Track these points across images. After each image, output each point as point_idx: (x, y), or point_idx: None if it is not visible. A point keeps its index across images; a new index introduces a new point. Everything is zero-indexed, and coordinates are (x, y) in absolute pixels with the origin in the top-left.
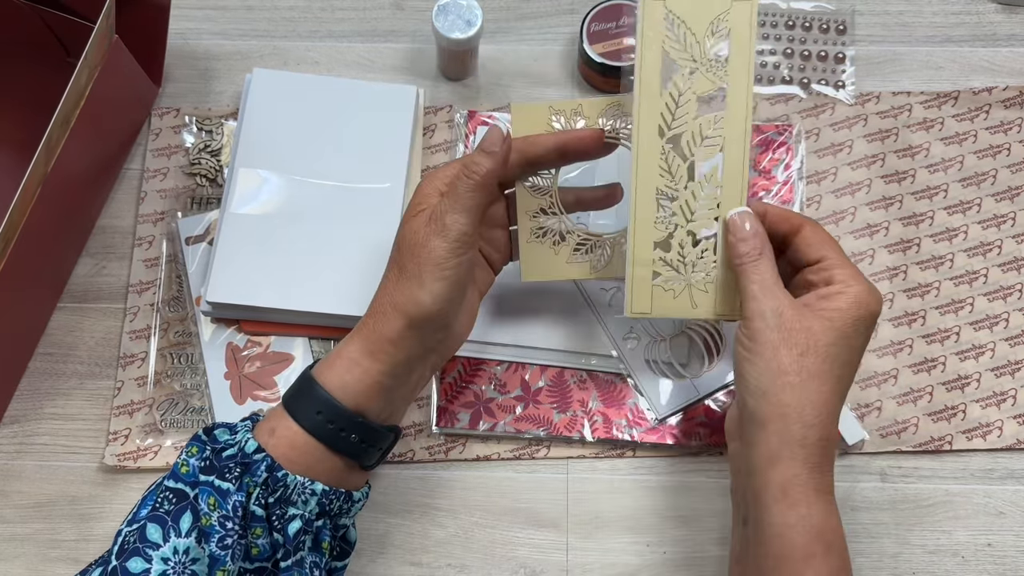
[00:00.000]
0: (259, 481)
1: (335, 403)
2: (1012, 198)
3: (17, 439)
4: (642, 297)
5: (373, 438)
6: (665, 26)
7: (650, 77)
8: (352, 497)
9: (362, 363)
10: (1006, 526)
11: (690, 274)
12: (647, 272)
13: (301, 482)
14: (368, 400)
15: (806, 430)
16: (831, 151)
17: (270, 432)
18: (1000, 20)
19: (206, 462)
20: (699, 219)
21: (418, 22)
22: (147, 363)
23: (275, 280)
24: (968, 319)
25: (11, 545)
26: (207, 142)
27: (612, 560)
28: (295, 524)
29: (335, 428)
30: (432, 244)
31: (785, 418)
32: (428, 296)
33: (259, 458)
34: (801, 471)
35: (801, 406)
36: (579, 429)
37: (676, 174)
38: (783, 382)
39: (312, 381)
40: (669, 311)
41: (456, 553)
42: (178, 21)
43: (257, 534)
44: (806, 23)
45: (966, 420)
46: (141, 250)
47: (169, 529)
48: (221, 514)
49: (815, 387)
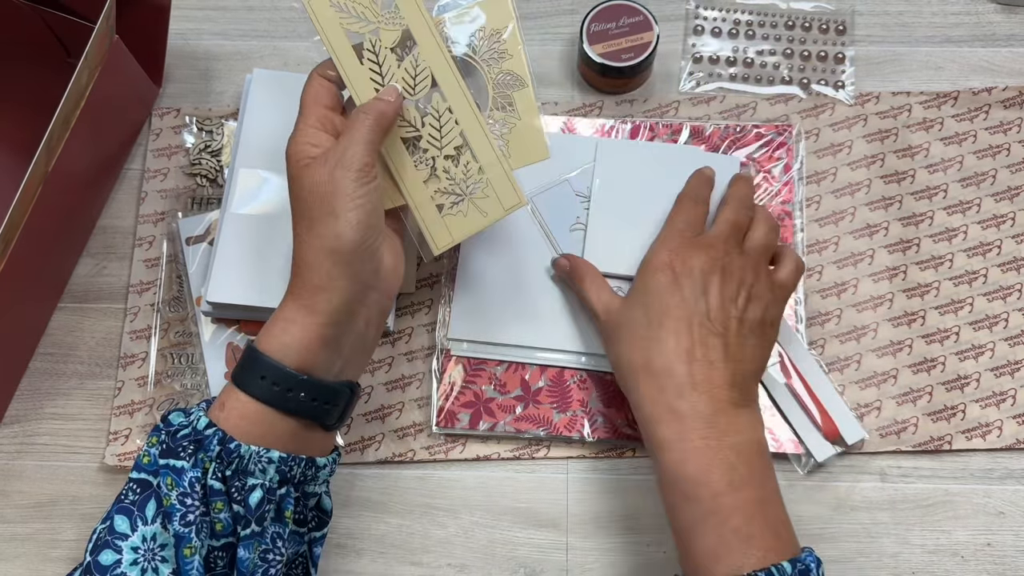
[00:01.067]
0: (212, 455)
1: (277, 365)
2: (1012, 198)
3: (17, 439)
4: (439, 232)
5: (325, 395)
6: (335, 11)
7: (348, 61)
8: (316, 463)
9: (298, 320)
10: (1006, 526)
11: (466, 190)
12: (431, 208)
13: (255, 451)
14: (313, 356)
15: (671, 396)
16: (831, 151)
17: (220, 407)
18: (1000, 20)
19: (163, 446)
20: (447, 140)
21: None
22: (147, 363)
23: (275, 280)
24: (968, 319)
25: (11, 545)
26: (207, 142)
27: (612, 560)
28: (256, 494)
29: (281, 389)
30: (336, 177)
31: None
32: (346, 224)
33: (210, 433)
34: (669, 430)
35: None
36: (579, 429)
37: (411, 118)
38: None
39: (253, 350)
40: (466, 230)
41: (456, 553)
42: (178, 21)
43: (219, 508)
44: (806, 23)
45: (966, 420)
46: (141, 250)
47: (136, 519)
48: (179, 492)
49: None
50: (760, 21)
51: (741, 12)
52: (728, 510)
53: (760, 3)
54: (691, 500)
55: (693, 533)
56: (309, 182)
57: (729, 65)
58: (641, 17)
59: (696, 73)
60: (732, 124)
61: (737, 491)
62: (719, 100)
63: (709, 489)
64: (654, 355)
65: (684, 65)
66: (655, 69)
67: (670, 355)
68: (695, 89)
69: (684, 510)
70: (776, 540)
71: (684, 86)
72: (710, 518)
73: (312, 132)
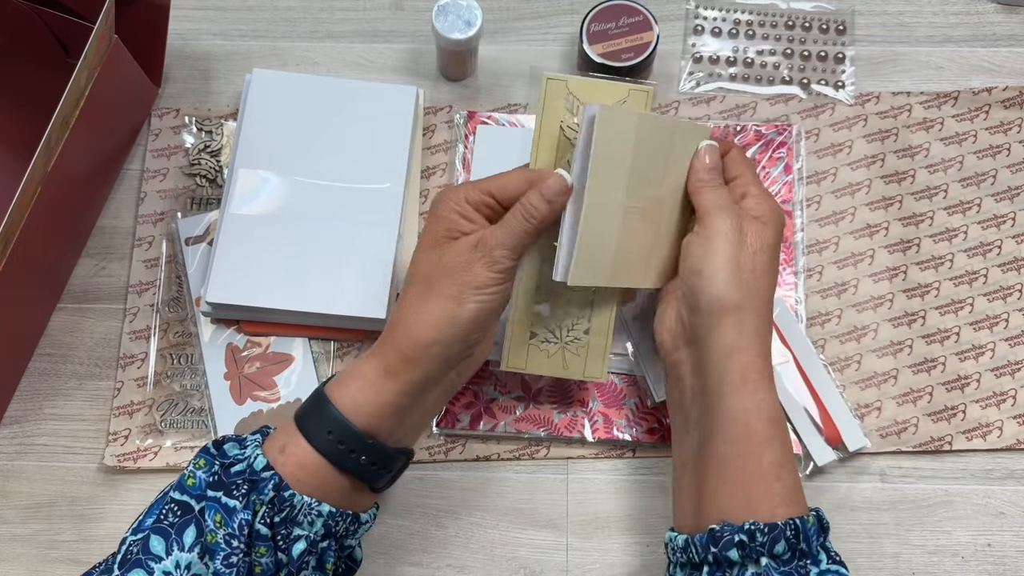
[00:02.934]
0: (266, 500)
1: (347, 423)
2: (1012, 198)
3: (17, 440)
4: (518, 353)
5: (384, 460)
6: (565, 105)
7: (546, 150)
8: (359, 519)
9: (377, 382)
10: (1006, 526)
11: (564, 338)
12: (525, 331)
13: (308, 503)
14: (381, 421)
15: (759, 321)
16: (831, 151)
17: (280, 449)
18: (1000, 20)
19: (214, 476)
20: (577, 290)
21: (418, 22)
22: (147, 364)
23: (275, 280)
24: (968, 319)
25: (11, 546)
26: (207, 142)
27: (612, 560)
28: (300, 545)
29: (345, 449)
30: (476, 270)
31: (741, 310)
32: (465, 314)
33: (267, 476)
34: (757, 359)
35: (754, 299)
36: (579, 429)
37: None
38: (741, 278)
39: (325, 399)
40: (541, 369)
41: (456, 553)
42: (178, 21)
43: (261, 553)
44: (806, 23)
45: (966, 420)
46: (141, 251)
47: (172, 542)
48: (227, 532)
49: (766, 283)
50: (760, 21)
51: (741, 12)
52: (792, 451)
53: (760, 3)
54: (781, 440)
55: (771, 474)
56: (450, 256)
57: (729, 65)
58: (641, 17)
59: (696, 73)
60: (732, 124)
61: (785, 438)
62: (719, 100)
63: (786, 427)
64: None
65: (684, 65)
66: (655, 69)
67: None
68: (695, 89)
69: (770, 449)
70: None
71: (684, 86)
72: (789, 462)
73: (474, 204)
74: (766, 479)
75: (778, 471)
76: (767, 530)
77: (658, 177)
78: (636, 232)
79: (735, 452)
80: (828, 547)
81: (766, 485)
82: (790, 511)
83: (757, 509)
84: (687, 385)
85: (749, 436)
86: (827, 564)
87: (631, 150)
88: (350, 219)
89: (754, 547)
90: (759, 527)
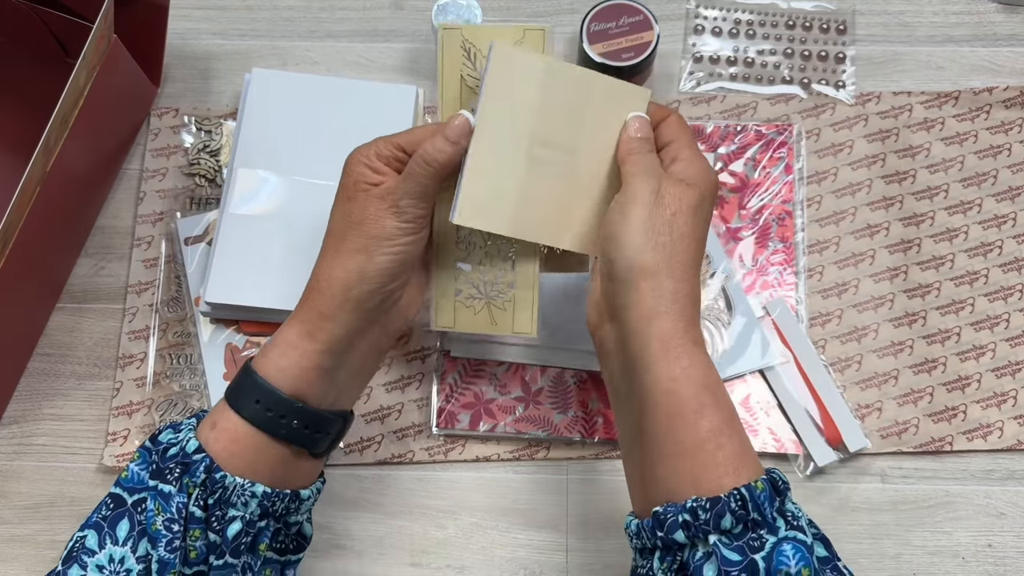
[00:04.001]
0: (198, 482)
1: (273, 390)
2: (1013, 198)
3: (16, 440)
4: (446, 311)
5: (317, 423)
6: (463, 54)
7: (450, 99)
8: (300, 496)
9: (298, 345)
10: (1007, 527)
11: (488, 293)
12: (450, 288)
13: (240, 484)
14: (308, 384)
15: (677, 285)
16: (831, 151)
17: (212, 426)
18: (1000, 20)
19: (153, 466)
20: (495, 242)
21: (418, 22)
22: (146, 364)
23: (274, 280)
24: (969, 320)
25: (10, 546)
26: (206, 142)
27: (612, 560)
28: (235, 526)
29: (274, 415)
30: (384, 221)
31: (657, 275)
32: (374, 268)
33: (198, 458)
34: (678, 324)
35: (671, 263)
36: (579, 430)
37: None
38: (656, 241)
39: (250, 370)
40: (470, 326)
41: (456, 554)
42: (177, 21)
43: (195, 536)
44: (806, 23)
45: (967, 421)
46: (140, 250)
47: (105, 535)
48: (166, 517)
49: (684, 246)
50: (760, 21)
51: (741, 11)
52: (734, 414)
53: (760, 3)
54: (716, 406)
55: (711, 442)
56: (358, 210)
57: (729, 65)
58: (641, 16)
59: (696, 73)
60: (732, 124)
61: (722, 402)
62: (719, 100)
63: (722, 391)
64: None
65: (684, 65)
66: (655, 69)
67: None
68: (695, 89)
69: (705, 416)
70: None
71: (684, 86)
72: (731, 426)
73: (383, 158)
74: (705, 449)
75: (718, 438)
76: (709, 505)
77: (572, 132)
78: (549, 187)
79: (669, 425)
80: (788, 510)
81: (706, 455)
82: (737, 479)
83: (700, 483)
84: (614, 361)
85: (681, 405)
86: (785, 531)
87: (536, 95)
88: None
89: (699, 525)
90: (700, 503)
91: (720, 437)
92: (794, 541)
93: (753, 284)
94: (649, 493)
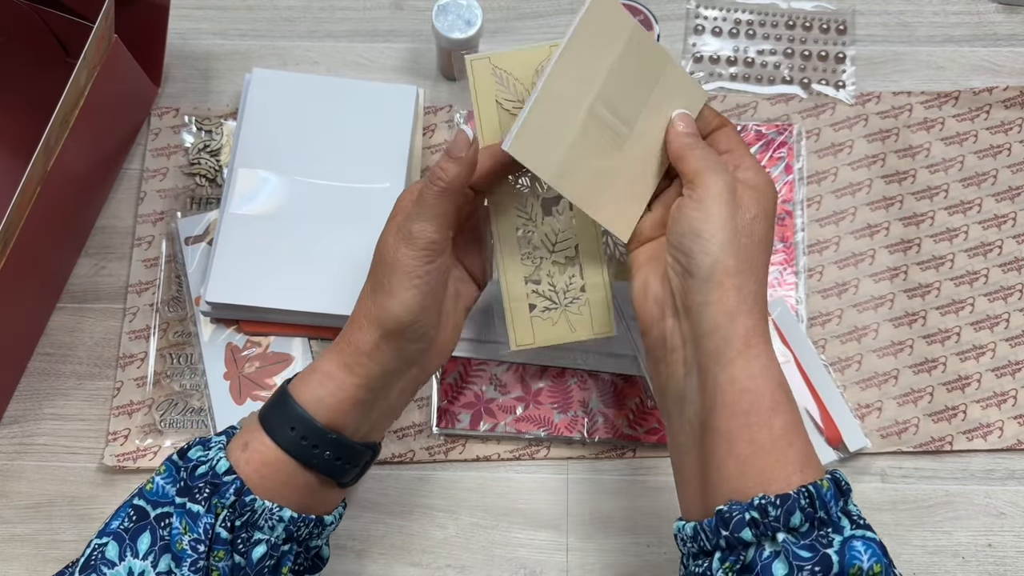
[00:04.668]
0: (227, 503)
1: (309, 419)
2: (1012, 198)
3: (17, 439)
4: (523, 330)
5: (349, 455)
6: (495, 81)
7: (490, 130)
8: (323, 522)
9: (337, 377)
10: (1007, 527)
11: (563, 301)
12: (523, 306)
13: (269, 508)
14: (343, 416)
15: (758, 286)
16: (831, 151)
17: (243, 447)
18: (1000, 20)
19: (181, 483)
20: (560, 247)
21: (418, 22)
22: (146, 363)
23: (275, 280)
24: (969, 319)
25: (11, 545)
26: (206, 142)
27: (612, 560)
28: (260, 549)
29: (308, 444)
30: (400, 253)
31: (742, 274)
32: (399, 306)
33: (228, 480)
34: (759, 323)
35: (754, 265)
36: (580, 429)
37: (532, 212)
38: (739, 243)
39: (287, 395)
40: (550, 338)
41: (456, 554)
42: (178, 21)
43: (219, 557)
44: (806, 23)
45: (966, 420)
46: (140, 250)
47: (126, 548)
48: (192, 537)
49: (762, 249)
50: (761, 21)
51: (741, 12)
52: (799, 414)
53: (761, 3)
54: (788, 404)
55: (783, 440)
56: (381, 244)
57: (730, 65)
58: (641, 16)
59: (697, 73)
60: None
61: (793, 401)
62: (720, 100)
63: (790, 391)
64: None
65: (685, 65)
66: None
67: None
68: None
69: (780, 415)
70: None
71: None
72: (799, 426)
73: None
74: (778, 447)
75: (790, 437)
76: (779, 502)
77: (634, 105)
78: (598, 151)
79: (742, 423)
80: (851, 510)
81: (779, 453)
82: (804, 478)
83: (770, 481)
84: (679, 358)
85: (759, 403)
86: (851, 530)
87: (615, 55)
88: (350, 219)
89: (768, 522)
90: (770, 500)
91: (791, 435)
92: (863, 539)
93: None
94: (710, 493)
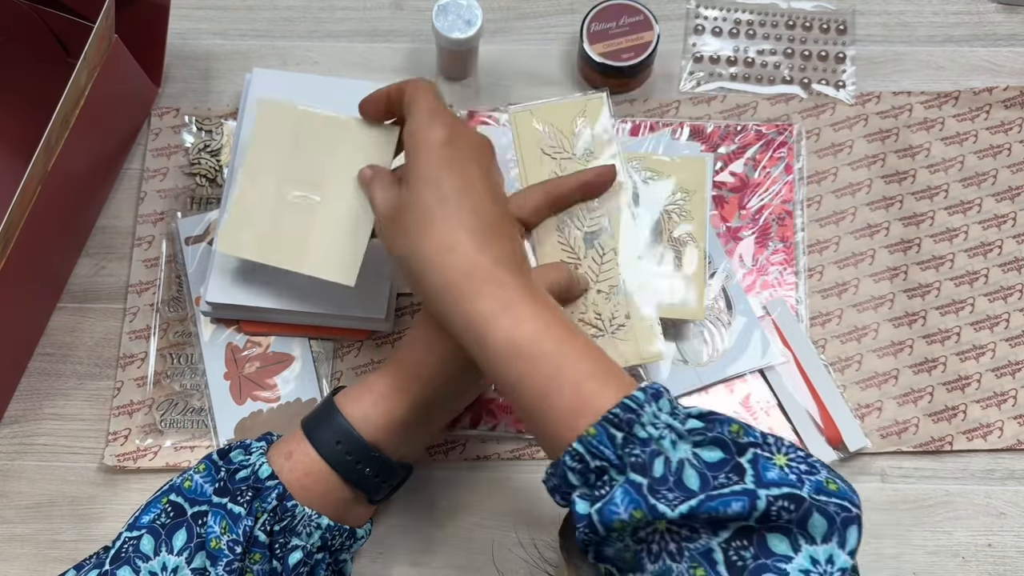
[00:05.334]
0: (268, 508)
1: (356, 435)
2: (1013, 198)
3: (17, 439)
4: None
5: (387, 474)
6: (536, 131)
7: (533, 174)
8: (355, 534)
9: (390, 397)
10: (1007, 527)
11: (607, 328)
12: None
13: (308, 514)
14: (389, 435)
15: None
16: (831, 151)
17: (287, 455)
18: (1000, 20)
19: (220, 483)
20: (604, 277)
21: (418, 22)
22: (147, 363)
23: (275, 280)
24: (968, 319)
25: (11, 545)
26: (207, 142)
27: None
28: (296, 555)
29: (352, 460)
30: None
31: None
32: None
33: (271, 485)
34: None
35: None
36: None
37: (575, 245)
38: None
39: (335, 409)
40: None
41: (456, 553)
42: (178, 21)
43: (256, 559)
44: (806, 23)
45: (966, 420)
46: (141, 250)
47: (161, 543)
48: (231, 538)
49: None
50: (761, 20)
51: (742, 11)
52: (575, 356)
53: (761, 2)
54: (538, 359)
55: (547, 397)
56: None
57: (730, 65)
58: (641, 16)
59: (697, 73)
60: (732, 124)
61: (575, 335)
62: (720, 100)
63: (551, 339)
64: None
65: (684, 65)
66: (655, 69)
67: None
68: (696, 89)
69: (534, 377)
70: (622, 375)
71: (685, 86)
72: (562, 371)
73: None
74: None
75: (599, 375)
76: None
77: (322, 171)
78: (293, 220)
79: (545, 379)
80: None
81: (600, 396)
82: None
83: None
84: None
85: (543, 360)
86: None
87: (288, 140)
88: None
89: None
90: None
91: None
92: (624, 484)
93: (753, 284)
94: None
